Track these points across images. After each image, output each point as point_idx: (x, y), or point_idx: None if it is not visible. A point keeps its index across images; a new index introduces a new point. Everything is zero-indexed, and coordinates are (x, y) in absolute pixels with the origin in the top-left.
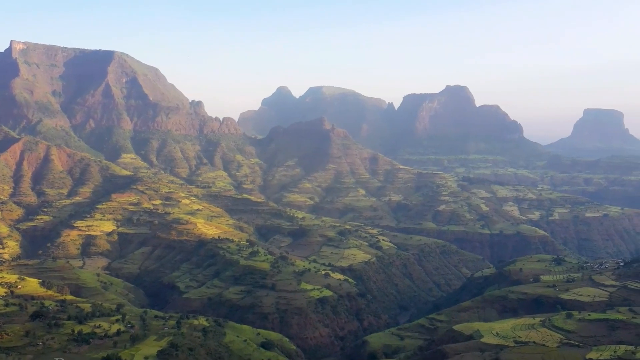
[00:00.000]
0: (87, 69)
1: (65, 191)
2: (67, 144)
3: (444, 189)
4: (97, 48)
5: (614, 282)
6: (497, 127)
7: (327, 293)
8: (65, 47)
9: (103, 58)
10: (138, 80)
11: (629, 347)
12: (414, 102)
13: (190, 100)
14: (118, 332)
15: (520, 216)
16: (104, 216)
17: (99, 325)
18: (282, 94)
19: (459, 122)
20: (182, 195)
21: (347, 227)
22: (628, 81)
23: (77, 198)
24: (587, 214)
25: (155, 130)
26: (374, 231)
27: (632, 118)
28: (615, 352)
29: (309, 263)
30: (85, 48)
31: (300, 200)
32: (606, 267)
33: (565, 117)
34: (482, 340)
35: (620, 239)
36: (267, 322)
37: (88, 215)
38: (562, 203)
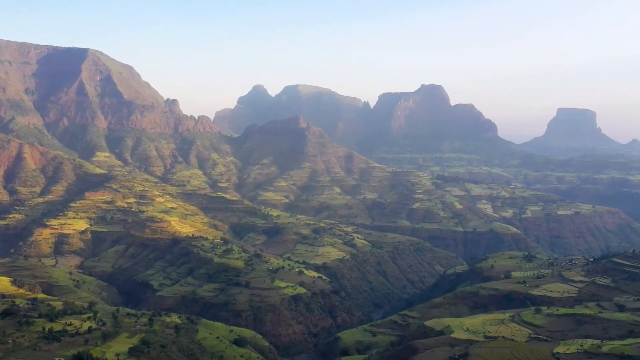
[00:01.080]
0: (60, 67)
1: (38, 189)
2: (41, 142)
3: (419, 187)
4: (71, 45)
5: (582, 278)
6: (472, 126)
7: (301, 290)
8: (39, 45)
9: (77, 56)
10: (112, 78)
11: (595, 341)
12: (389, 101)
13: (165, 99)
14: (89, 330)
15: (494, 214)
16: (77, 214)
17: (70, 323)
18: (258, 92)
19: (434, 121)
20: (157, 193)
21: (322, 225)
22: (601, 81)
23: (50, 196)
24: (559, 212)
25: (129, 129)
26: (349, 229)
27: (605, 117)
28: (582, 345)
29: (283, 261)
30: (59, 45)
31: (275, 199)
32: (576, 264)
33: (540, 117)
34: (452, 335)
35: (592, 236)
36: (240, 319)
37: (61, 214)
38: (535, 201)
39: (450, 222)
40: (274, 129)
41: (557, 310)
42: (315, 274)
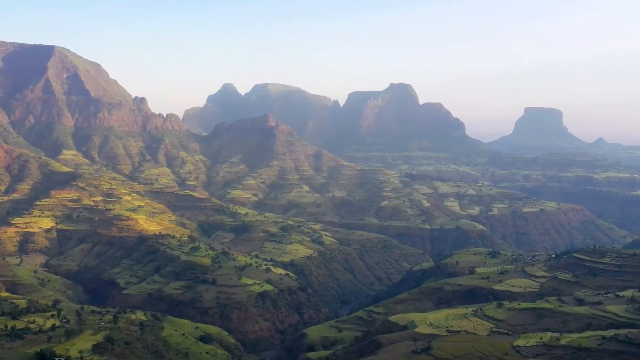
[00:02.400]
0: (26, 64)
1: (2, 188)
2: (6, 140)
3: (387, 185)
4: (37, 43)
5: (545, 274)
6: (440, 124)
7: (268, 287)
8: (4, 42)
9: (43, 53)
10: (79, 76)
11: (554, 334)
12: (358, 99)
13: (133, 97)
14: (53, 327)
15: (461, 211)
16: (42, 213)
17: (34, 320)
18: (227, 91)
19: (403, 119)
20: (124, 191)
21: (290, 222)
22: (568, 82)
23: (15, 195)
24: (525, 209)
25: (97, 127)
26: (317, 227)
27: (571, 117)
28: (541, 338)
29: (251, 258)
30: (25, 43)
31: (244, 197)
32: (538, 260)
33: (508, 116)
34: (416, 330)
35: (556, 232)
36: (207, 316)
37: (26, 212)
38: (501, 198)
39: (418, 219)
40: (243, 127)
41: (519, 304)
42: (283, 271)
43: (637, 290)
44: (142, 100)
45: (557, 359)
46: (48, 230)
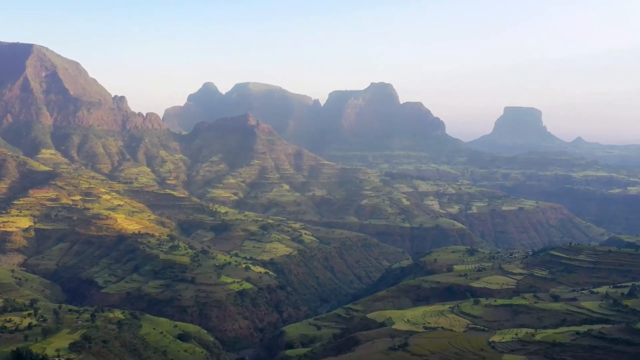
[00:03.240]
0: (4, 63)
1: None
2: None
3: (367, 184)
4: (15, 41)
5: (521, 271)
6: (421, 123)
7: (247, 286)
8: None
9: (21, 51)
10: (58, 75)
11: (530, 330)
12: (339, 98)
13: (113, 96)
14: (30, 326)
15: (440, 210)
16: (20, 212)
17: (10, 319)
18: (208, 90)
19: (383, 118)
20: (103, 190)
21: (270, 221)
22: (548, 81)
23: None
24: (504, 208)
25: (76, 126)
26: (297, 225)
27: (551, 116)
28: (516, 334)
29: (231, 257)
30: (3, 41)
31: (224, 196)
32: (515, 257)
33: (488, 115)
34: (393, 327)
35: (535, 231)
36: (186, 315)
37: (3, 211)
38: (481, 197)
39: (398, 218)
40: (223, 126)
41: (495, 301)
42: (262, 270)
43: (611, 286)
44: (121, 99)
45: (531, 354)
46: (26, 230)
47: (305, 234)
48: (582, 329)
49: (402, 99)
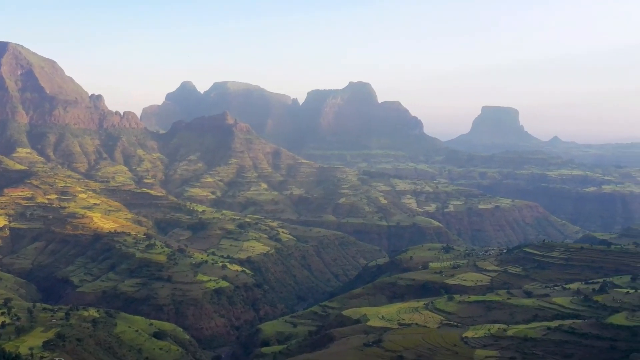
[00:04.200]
0: None
1: None
2: None
3: (345, 183)
4: None
5: (496, 268)
6: (399, 123)
7: (224, 284)
8: None
9: None
10: (34, 73)
11: (502, 325)
12: (318, 97)
13: (90, 94)
14: (3, 325)
15: (417, 208)
16: None
17: None
18: (186, 88)
19: (362, 117)
20: (79, 189)
21: (248, 220)
22: (525, 81)
23: None
24: (480, 206)
25: (52, 124)
26: (274, 224)
27: (528, 116)
28: (489, 330)
29: (207, 255)
30: None
31: (202, 195)
32: (490, 254)
33: (465, 115)
34: (368, 323)
35: (511, 229)
36: (162, 313)
37: None
38: (457, 196)
39: (375, 216)
40: (201, 125)
41: (469, 297)
42: (239, 268)
43: (583, 282)
44: (98, 97)
45: (503, 349)
46: (1, 229)
47: (283, 232)
48: (554, 324)
49: (381, 99)
